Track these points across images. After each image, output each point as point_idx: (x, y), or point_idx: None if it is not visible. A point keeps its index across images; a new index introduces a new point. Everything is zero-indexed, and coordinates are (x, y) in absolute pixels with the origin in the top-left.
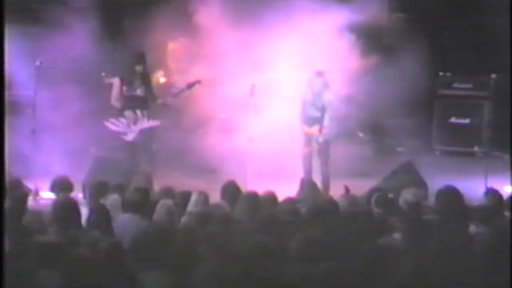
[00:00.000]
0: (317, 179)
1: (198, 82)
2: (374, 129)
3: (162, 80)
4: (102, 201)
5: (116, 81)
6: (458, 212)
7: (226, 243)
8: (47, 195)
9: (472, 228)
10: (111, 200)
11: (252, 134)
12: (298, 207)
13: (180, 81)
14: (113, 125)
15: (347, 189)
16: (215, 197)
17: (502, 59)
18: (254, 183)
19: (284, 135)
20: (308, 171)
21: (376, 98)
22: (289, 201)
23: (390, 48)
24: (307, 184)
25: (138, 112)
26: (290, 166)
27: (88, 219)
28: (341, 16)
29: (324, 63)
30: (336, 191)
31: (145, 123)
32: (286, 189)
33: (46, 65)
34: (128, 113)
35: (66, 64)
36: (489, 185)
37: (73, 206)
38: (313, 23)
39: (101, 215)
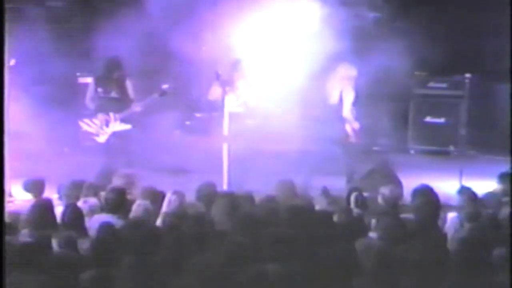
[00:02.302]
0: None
1: (164, 93)
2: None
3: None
4: (81, 204)
5: (91, 82)
6: (433, 210)
7: (201, 243)
8: (21, 197)
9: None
10: (90, 203)
11: (228, 134)
12: (276, 207)
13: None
14: (86, 125)
15: (325, 189)
16: (192, 198)
17: (477, 59)
18: (231, 183)
19: (261, 134)
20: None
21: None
22: (267, 201)
23: (365, 47)
24: (283, 184)
25: (111, 114)
26: (267, 165)
27: (62, 220)
28: (316, 16)
29: (300, 62)
30: (313, 191)
31: (118, 126)
32: (264, 189)
33: (19, 65)
34: (101, 115)
35: (39, 64)
36: (464, 184)
37: (48, 207)
38: (288, 27)
39: (75, 215)
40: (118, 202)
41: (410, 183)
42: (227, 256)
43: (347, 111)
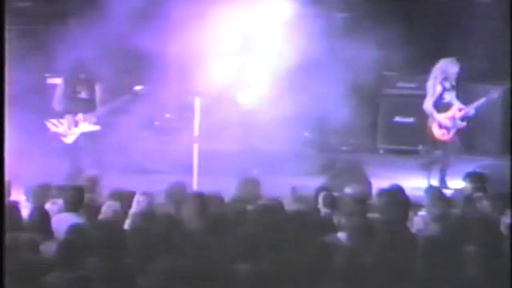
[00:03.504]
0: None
1: (135, 95)
2: (319, 128)
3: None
4: (49, 206)
5: (60, 83)
6: (402, 210)
7: (170, 244)
8: None
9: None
10: (59, 205)
11: (198, 134)
12: (245, 207)
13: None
14: (53, 126)
15: (294, 189)
16: (161, 198)
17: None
18: (200, 184)
19: (230, 133)
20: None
21: (321, 97)
22: (236, 201)
23: (334, 48)
24: (247, 182)
25: (80, 115)
26: (236, 164)
27: (29, 222)
28: (286, 16)
29: (268, 63)
30: (282, 190)
31: (86, 127)
32: (233, 189)
33: None
34: (68, 116)
35: (7, 64)
36: (432, 183)
37: (15, 210)
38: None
39: (41, 218)
40: (78, 200)
41: (379, 182)
42: (196, 257)
43: (429, 105)
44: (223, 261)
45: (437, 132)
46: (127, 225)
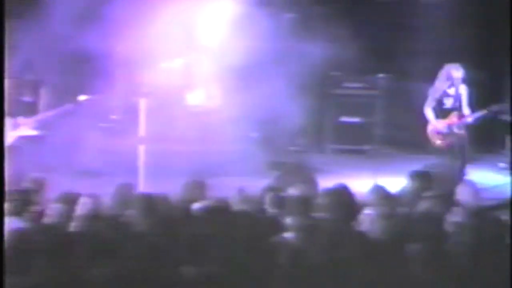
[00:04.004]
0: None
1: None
2: (267, 129)
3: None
4: None
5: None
6: (348, 209)
7: (117, 246)
8: None
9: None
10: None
11: (144, 136)
12: (191, 208)
13: None
14: None
15: (241, 189)
16: (108, 200)
17: (391, 58)
18: (147, 185)
19: (177, 134)
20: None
21: (268, 97)
22: (183, 202)
23: (282, 48)
24: (193, 183)
25: (21, 118)
26: (183, 166)
27: None
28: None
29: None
30: (229, 191)
31: (25, 131)
32: (180, 190)
33: None
34: (9, 118)
35: None
36: (379, 182)
37: None
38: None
39: None
40: (21, 204)
41: (326, 182)
42: (143, 259)
43: (428, 109)
44: (170, 264)
45: (433, 137)
46: (72, 228)
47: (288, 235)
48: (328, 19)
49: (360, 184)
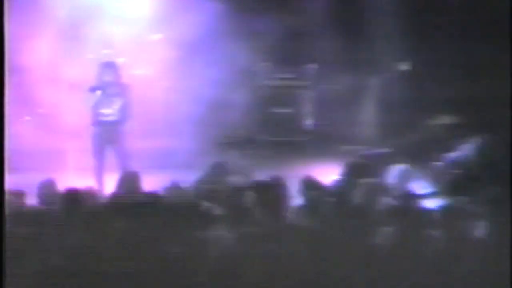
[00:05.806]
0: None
1: None
2: (198, 121)
3: None
4: None
5: None
6: (280, 201)
7: (42, 243)
8: None
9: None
10: None
11: (72, 131)
12: (122, 202)
13: None
14: None
15: (174, 182)
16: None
17: (322, 49)
18: (73, 180)
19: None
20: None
21: (198, 89)
22: (113, 196)
23: (212, 38)
24: (125, 177)
25: None
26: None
27: None
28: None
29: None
30: (162, 184)
31: None
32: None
33: None
34: None
35: None
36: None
37: None
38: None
39: None
40: None
41: (257, 174)
42: (69, 256)
43: None
44: (97, 259)
45: None
46: None
47: (221, 227)
48: (260, 8)
49: (292, 175)
